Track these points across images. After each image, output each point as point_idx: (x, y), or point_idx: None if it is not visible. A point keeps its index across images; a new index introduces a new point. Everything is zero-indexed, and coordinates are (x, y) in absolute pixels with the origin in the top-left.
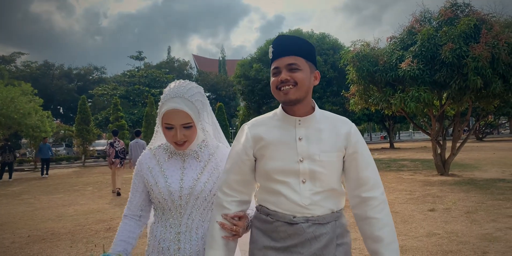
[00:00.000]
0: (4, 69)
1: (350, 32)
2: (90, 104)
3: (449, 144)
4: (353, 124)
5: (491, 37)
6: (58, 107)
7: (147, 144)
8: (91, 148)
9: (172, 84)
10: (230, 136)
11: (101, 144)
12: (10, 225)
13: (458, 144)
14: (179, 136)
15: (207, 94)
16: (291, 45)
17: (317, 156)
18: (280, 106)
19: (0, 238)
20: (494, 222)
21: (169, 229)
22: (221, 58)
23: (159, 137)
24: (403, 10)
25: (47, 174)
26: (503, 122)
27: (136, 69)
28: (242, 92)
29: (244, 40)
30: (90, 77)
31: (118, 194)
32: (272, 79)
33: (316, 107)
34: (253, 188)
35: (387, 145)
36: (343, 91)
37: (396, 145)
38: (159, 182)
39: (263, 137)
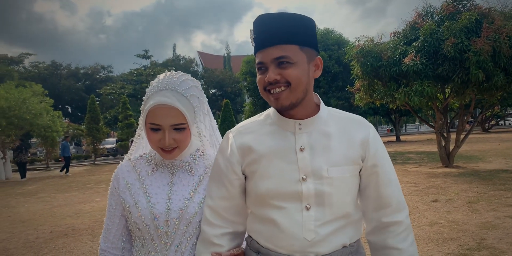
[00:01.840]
0: (13, 70)
1: (354, 25)
2: (98, 103)
3: (453, 136)
4: (371, 126)
5: (492, 31)
6: (66, 106)
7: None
8: (101, 147)
9: (161, 75)
10: None
11: (110, 142)
12: (32, 222)
13: (462, 136)
14: (168, 141)
15: (213, 90)
16: (276, 30)
17: (324, 171)
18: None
19: (25, 234)
20: (494, 211)
21: None
22: (226, 55)
23: (141, 144)
24: (407, 2)
25: (67, 172)
26: (510, 112)
27: (143, 68)
28: (248, 89)
29: (248, 36)
30: (97, 76)
31: None
32: (258, 76)
33: (322, 103)
34: (247, 214)
35: (393, 138)
36: (348, 86)
37: (402, 138)
38: (139, 202)
39: (252, 147)
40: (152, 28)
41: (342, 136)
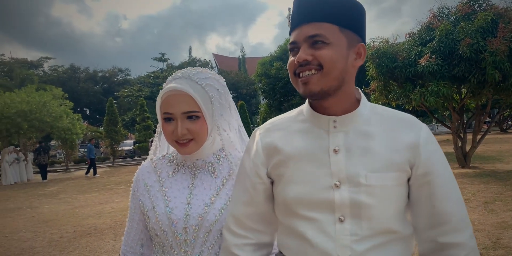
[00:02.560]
0: (33, 74)
1: (369, 25)
2: (115, 105)
3: (470, 136)
4: (424, 127)
5: (508, 31)
6: (85, 109)
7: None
8: (119, 149)
9: None
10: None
11: (128, 144)
12: (55, 222)
13: (479, 137)
14: (180, 130)
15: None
16: (314, 6)
17: (362, 178)
18: (307, 101)
19: (49, 234)
20: (511, 211)
21: None
22: (240, 56)
23: (164, 143)
24: (422, 1)
25: (87, 173)
26: None
27: (160, 70)
28: (263, 91)
29: (262, 37)
30: (115, 79)
31: None
32: (289, 59)
33: (363, 99)
34: (275, 223)
35: None
36: (363, 87)
37: None
38: (157, 207)
39: (279, 148)
40: (168, 31)
41: (386, 137)
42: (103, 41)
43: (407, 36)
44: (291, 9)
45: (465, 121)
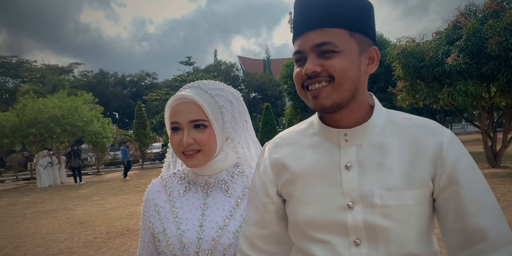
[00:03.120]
0: (64, 79)
1: (395, 23)
2: (144, 108)
3: (500, 136)
4: (448, 131)
5: None
6: (114, 113)
7: None
8: (149, 151)
9: None
10: None
11: (156, 147)
12: (89, 223)
13: (509, 136)
14: (186, 140)
15: (253, 94)
16: (319, 10)
17: (377, 197)
18: (317, 113)
19: (84, 234)
20: None
21: None
22: (265, 58)
23: (175, 159)
24: None
25: (125, 176)
26: None
27: (186, 74)
28: (289, 92)
29: (287, 38)
30: (143, 83)
31: None
32: (295, 70)
33: (377, 106)
34: (289, 243)
35: None
36: (390, 87)
37: None
38: (168, 229)
39: (287, 165)
40: (193, 34)
41: (404, 149)
42: (131, 45)
43: (434, 35)
44: (292, 13)
45: (495, 120)
